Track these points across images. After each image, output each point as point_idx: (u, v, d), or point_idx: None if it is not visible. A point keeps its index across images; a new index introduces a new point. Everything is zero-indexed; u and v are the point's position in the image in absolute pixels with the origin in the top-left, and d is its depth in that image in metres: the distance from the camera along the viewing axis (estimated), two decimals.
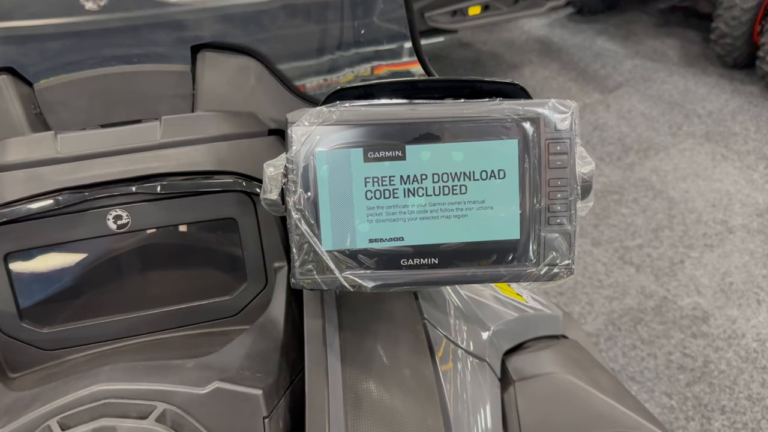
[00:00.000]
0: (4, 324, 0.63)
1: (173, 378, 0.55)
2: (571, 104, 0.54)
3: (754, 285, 2.39)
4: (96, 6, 1.29)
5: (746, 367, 2.10)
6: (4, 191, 0.62)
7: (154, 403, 0.52)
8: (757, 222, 2.67)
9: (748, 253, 2.52)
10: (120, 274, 0.65)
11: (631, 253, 2.55)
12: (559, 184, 0.54)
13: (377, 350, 0.62)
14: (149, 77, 0.76)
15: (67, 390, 0.53)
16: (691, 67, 3.83)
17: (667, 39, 4.17)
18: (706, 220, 2.70)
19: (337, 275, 0.54)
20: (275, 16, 0.76)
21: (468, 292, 0.87)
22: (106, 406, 0.52)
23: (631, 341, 2.19)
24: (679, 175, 2.96)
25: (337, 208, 0.53)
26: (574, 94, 3.63)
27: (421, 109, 0.53)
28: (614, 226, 2.68)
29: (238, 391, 0.55)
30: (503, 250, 0.54)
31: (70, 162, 0.63)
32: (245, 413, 0.55)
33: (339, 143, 0.53)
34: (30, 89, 0.73)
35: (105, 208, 0.63)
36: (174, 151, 0.65)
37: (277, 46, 0.76)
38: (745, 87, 3.60)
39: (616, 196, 2.86)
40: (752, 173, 2.95)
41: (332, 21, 0.88)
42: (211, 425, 0.53)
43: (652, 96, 3.58)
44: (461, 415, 0.68)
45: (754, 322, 2.24)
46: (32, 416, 0.52)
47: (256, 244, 0.66)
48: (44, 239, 0.63)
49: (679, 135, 3.25)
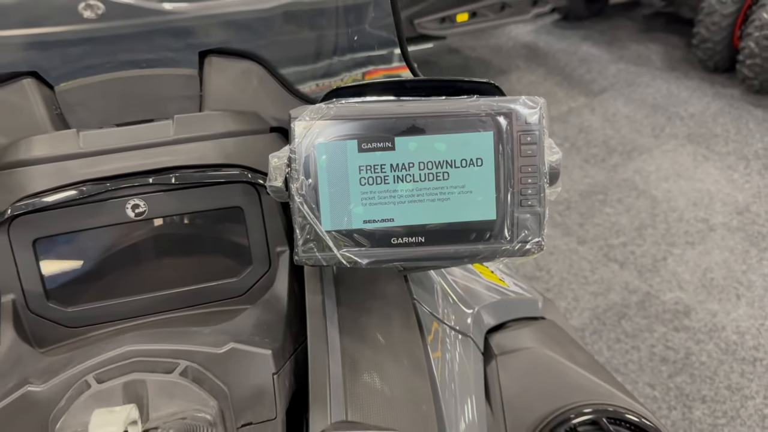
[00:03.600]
0: (32, 303, 0.69)
1: (193, 341, 0.61)
2: (539, 100, 0.61)
3: (734, 280, 2.47)
4: (94, 15, 1.35)
5: (726, 359, 2.18)
6: (32, 183, 0.68)
7: (178, 361, 0.59)
8: (737, 220, 2.76)
9: (728, 250, 2.61)
10: (137, 258, 0.72)
11: (616, 250, 2.63)
12: (530, 170, 0.61)
13: (372, 323, 0.69)
14: (160, 80, 0.83)
15: (99, 351, 0.59)
16: (673, 71, 3.93)
17: (651, 44, 4.27)
18: (688, 218, 2.78)
19: (336, 253, 0.61)
20: (275, 24, 0.83)
21: (454, 277, 0.94)
22: (135, 363, 0.58)
23: (616, 335, 2.26)
24: (662, 176, 3.05)
25: (334, 193, 0.60)
26: (560, 98, 3.72)
27: (408, 106, 0.60)
28: (599, 225, 2.77)
29: (250, 350, 0.62)
30: (481, 230, 0.62)
31: (92, 156, 0.70)
32: (257, 370, 0.62)
33: (336, 136, 0.60)
34: (51, 92, 0.80)
35: (124, 198, 0.70)
36: (185, 147, 0.72)
37: (278, 51, 0.83)
38: (726, 90, 3.70)
39: (601, 196, 2.94)
40: (732, 173, 3.05)
41: (327, 29, 0.95)
42: (228, 380, 0.60)
43: (636, 99, 3.67)
44: (447, 383, 0.75)
45: (733, 316, 2.32)
46: (70, 373, 0.59)
47: (261, 231, 0.73)
48: (69, 226, 0.69)
49: (661, 137, 3.34)
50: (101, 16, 1.30)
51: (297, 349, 0.69)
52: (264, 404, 0.62)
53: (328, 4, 0.99)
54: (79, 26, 0.80)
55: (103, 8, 1.33)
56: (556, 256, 2.62)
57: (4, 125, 0.75)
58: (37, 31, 0.78)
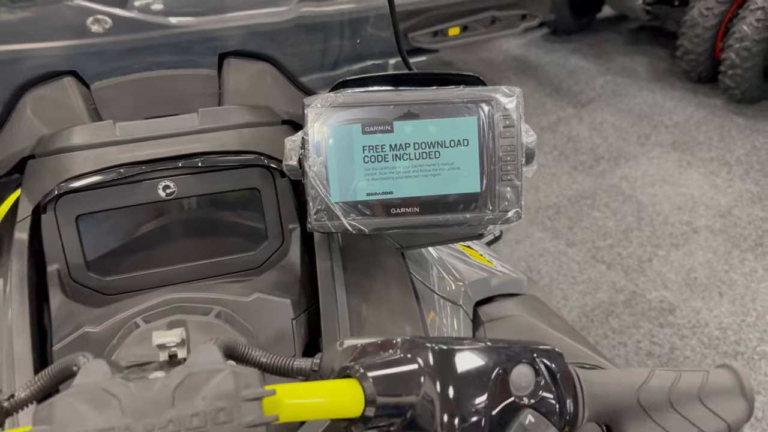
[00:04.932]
0: (74, 273, 0.78)
1: (223, 291, 0.71)
2: (515, 89, 0.72)
3: (717, 279, 2.58)
4: (101, 29, 1.46)
5: (709, 353, 2.28)
6: (75, 166, 0.78)
7: (212, 306, 0.68)
8: (720, 223, 2.87)
9: (711, 251, 2.72)
10: (167, 233, 0.81)
11: (603, 252, 2.74)
12: (509, 150, 0.71)
13: (374, 288, 0.79)
14: (184, 79, 0.93)
15: (143, 301, 0.69)
16: (659, 82, 4.07)
17: (637, 56, 4.42)
18: (673, 221, 2.89)
19: (343, 221, 0.70)
20: (288, 31, 0.93)
21: (446, 257, 1.04)
22: (176, 308, 0.68)
23: (603, 331, 2.36)
24: (648, 181, 3.16)
25: (342, 170, 0.70)
26: (549, 109, 3.84)
27: (405, 95, 0.70)
28: (587, 228, 2.87)
29: (272, 299, 0.72)
30: (468, 201, 0.72)
31: (127, 143, 0.79)
32: (278, 316, 0.72)
33: (343, 120, 0.70)
34: (88, 89, 0.89)
35: (156, 180, 0.79)
36: (209, 135, 0.81)
37: (289, 54, 0.93)
38: (710, 100, 3.83)
39: (589, 200, 3.05)
40: (715, 178, 3.16)
41: (333, 38, 1.06)
42: (254, 324, 0.70)
43: (623, 109, 3.80)
44: None
45: (716, 313, 2.43)
46: (120, 317, 0.68)
47: (275, 210, 0.83)
48: (107, 204, 0.78)
49: (647, 145, 3.46)
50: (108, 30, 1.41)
51: (310, 307, 0.78)
52: (284, 345, 0.71)
53: (334, 17, 1.10)
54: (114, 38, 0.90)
55: (111, 23, 1.44)
56: (545, 258, 2.72)
57: (48, 117, 0.85)
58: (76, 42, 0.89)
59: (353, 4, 1.14)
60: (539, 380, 0.50)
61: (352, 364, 0.48)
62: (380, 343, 0.50)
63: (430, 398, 0.47)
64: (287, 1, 1.40)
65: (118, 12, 1.50)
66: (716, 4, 3.64)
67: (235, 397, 0.41)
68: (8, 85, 0.85)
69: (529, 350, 0.51)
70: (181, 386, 0.41)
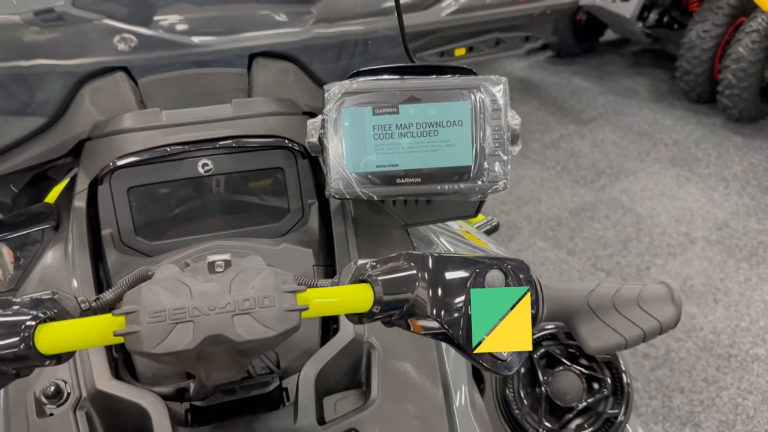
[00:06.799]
0: (124, 237, 0.91)
1: (256, 242, 0.84)
2: (502, 79, 0.85)
3: (712, 287, 2.68)
4: (127, 47, 1.62)
5: (703, 355, 2.37)
6: (128, 145, 0.91)
7: (248, 252, 0.81)
8: (716, 234, 2.98)
9: (708, 260, 2.82)
10: (204, 204, 0.94)
11: (603, 261, 2.84)
12: (497, 129, 0.84)
13: (382, 252, 0.91)
14: (218, 76, 1.07)
15: (190, 248, 0.82)
16: (659, 102, 4.20)
17: (638, 77, 4.56)
18: (671, 232, 3.00)
19: (356, 189, 0.83)
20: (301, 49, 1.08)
21: (445, 236, 1.16)
22: (218, 252, 0.80)
23: None
24: (647, 195, 3.28)
25: (355, 145, 0.83)
26: (552, 127, 3.98)
27: (409, 82, 0.84)
28: (587, 239, 2.99)
29: (298, 248, 0.86)
30: (461, 172, 0.84)
31: (172, 127, 0.93)
32: (302, 261, 0.85)
33: (357, 103, 0.83)
34: (136, 84, 1.04)
35: (196, 158, 0.92)
36: (241, 122, 0.95)
37: (310, 55, 1.07)
38: (708, 119, 3.95)
39: (589, 213, 3.17)
40: (713, 193, 3.28)
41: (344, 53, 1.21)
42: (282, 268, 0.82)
43: (623, 127, 3.93)
44: None
45: (711, 318, 2.52)
46: (173, 258, 0.81)
47: (296, 186, 0.96)
48: (154, 178, 0.92)
49: (647, 161, 3.58)
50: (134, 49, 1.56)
51: (327, 265, 0.91)
52: None
53: (348, 37, 1.24)
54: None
55: (136, 41, 1.59)
56: (546, 266, 2.83)
57: (103, 106, 0.99)
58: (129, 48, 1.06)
59: (363, 26, 1.28)
60: (509, 281, 0.62)
61: (367, 271, 0.61)
62: (385, 259, 0.63)
63: (423, 295, 0.60)
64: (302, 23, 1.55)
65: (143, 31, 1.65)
66: (713, 26, 3.79)
67: (276, 288, 0.54)
68: (70, 79, 0.99)
69: (501, 260, 0.64)
70: (236, 279, 0.54)
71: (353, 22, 1.43)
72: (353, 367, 0.78)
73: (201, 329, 0.51)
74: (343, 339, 0.76)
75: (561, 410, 0.96)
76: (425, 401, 0.79)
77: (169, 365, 0.57)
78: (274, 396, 0.75)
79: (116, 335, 0.52)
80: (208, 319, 0.51)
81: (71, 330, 0.53)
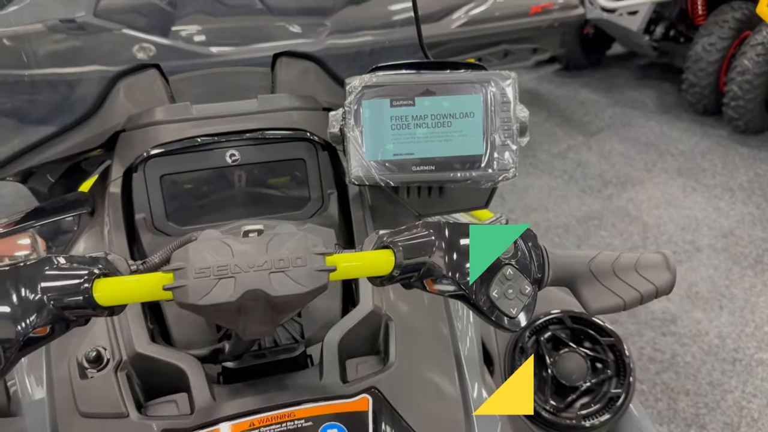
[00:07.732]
0: (157, 222, 0.98)
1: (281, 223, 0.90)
2: (512, 74, 0.91)
3: (718, 293, 2.71)
4: (146, 56, 1.69)
5: (709, 359, 2.41)
6: (161, 136, 0.98)
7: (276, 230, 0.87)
8: (722, 242, 3.02)
9: (713, 267, 2.86)
10: (231, 192, 1.01)
11: None
12: (506, 121, 0.90)
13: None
14: (243, 74, 1.14)
15: (225, 224, 0.89)
16: (665, 114, 4.26)
17: (645, 90, 4.62)
18: (677, 240, 3.04)
19: (375, 175, 0.89)
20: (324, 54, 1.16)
21: None
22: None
23: None
24: (653, 204, 3.32)
25: (374, 135, 0.89)
26: (559, 137, 4.03)
27: (424, 76, 0.90)
28: (594, 246, 3.03)
29: (321, 228, 0.92)
30: (473, 161, 0.90)
31: (201, 120, 1.00)
32: (326, 240, 0.91)
33: (376, 95, 0.89)
34: (167, 81, 1.11)
35: (224, 149, 0.99)
36: (266, 116, 1.01)
37: (329, 57, 1.15)
38: (714, 131, 4.00)
39: (596, 221, 3.21)
40: (719, 202, 3.32)
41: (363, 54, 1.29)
42: None
43: (630, 138, 3.99)
44: None
45: (716, 323, 2.56)
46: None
47: (317, 176, 1.02)
48: (185, 167, 0.98)
49: (653, 171, 3.63)
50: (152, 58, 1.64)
51: (345, 246, 0.97)
52: None
53: (363, 47, 1.32)
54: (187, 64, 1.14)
55: (154, 50, 1.67)
56: None
57: (137, 100, 1.05)
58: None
59: (378, 37, 1.35)
60: (517, 246, 0.68)
61: (389, 239, 0.67)
62: (404, 228, 0.69)
63: (439, 258, 0.66)
64: (317, 35, 1.62)
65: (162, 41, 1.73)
66: (719, 40, 3.86)
67: (307, 250, 0.60)
68: (106, 75, 1.06)
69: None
70: (272, 241, 0.60)
71: (368, 32, 1.51)
72: (372, 336, 0.84)
73: (241, 284, 0.57)
74: (363, 310, 0.81)
75: (566, 390, 1.01)
76: (439, 369, 0.85)
77: (212, 318, 0.63)
78: (299, 360, 0.81)
79: (165, 289, 0.58)
80: (247, 276, 0.57)
81: (125, 284, 0.59)
